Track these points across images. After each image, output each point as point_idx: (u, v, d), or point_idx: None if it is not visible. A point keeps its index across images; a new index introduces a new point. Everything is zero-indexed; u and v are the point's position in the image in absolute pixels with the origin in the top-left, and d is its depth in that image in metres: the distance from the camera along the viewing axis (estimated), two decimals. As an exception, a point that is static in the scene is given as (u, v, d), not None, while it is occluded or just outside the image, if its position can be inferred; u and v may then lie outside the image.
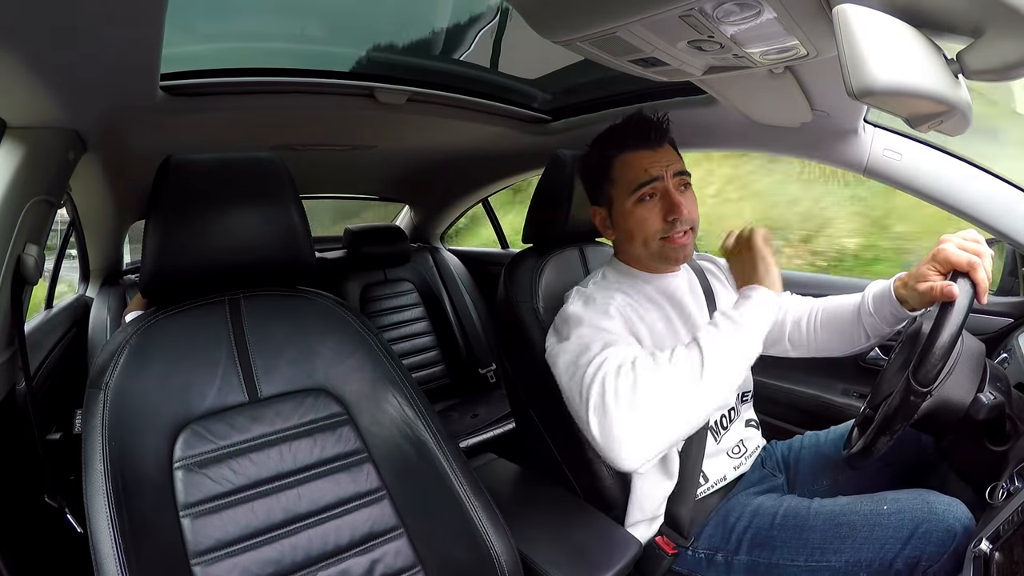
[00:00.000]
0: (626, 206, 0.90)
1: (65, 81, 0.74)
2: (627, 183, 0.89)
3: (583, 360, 0.77)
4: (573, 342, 0.80)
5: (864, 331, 0.93)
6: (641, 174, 0.88)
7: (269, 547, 0.72)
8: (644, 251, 0.91)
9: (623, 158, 0.90)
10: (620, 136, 0.91)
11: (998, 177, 0.99)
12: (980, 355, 0.74)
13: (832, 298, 1.00)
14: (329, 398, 0.82)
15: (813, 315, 1.01)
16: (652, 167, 0.88)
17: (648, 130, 0.89)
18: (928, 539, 0.69)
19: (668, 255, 0.89)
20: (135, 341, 0.74)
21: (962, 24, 0.49)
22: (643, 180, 0.87)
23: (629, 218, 0.90)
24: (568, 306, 0.87)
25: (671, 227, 0.87)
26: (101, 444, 0.66)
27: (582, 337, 0.80)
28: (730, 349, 0.73)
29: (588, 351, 0.77)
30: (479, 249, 2.64)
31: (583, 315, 0.83)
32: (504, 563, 0.74)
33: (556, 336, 0.86)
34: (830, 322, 0.98)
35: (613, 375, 0.72)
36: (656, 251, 0.90)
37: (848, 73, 0.47)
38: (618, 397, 0.70)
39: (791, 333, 1.03)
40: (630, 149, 0.90)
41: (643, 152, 0.89)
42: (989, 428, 0.71)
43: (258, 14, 1.10)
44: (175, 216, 0.75)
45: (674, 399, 0.70)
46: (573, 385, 0.77)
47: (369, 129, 1.44)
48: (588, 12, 0.64)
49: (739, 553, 0.83)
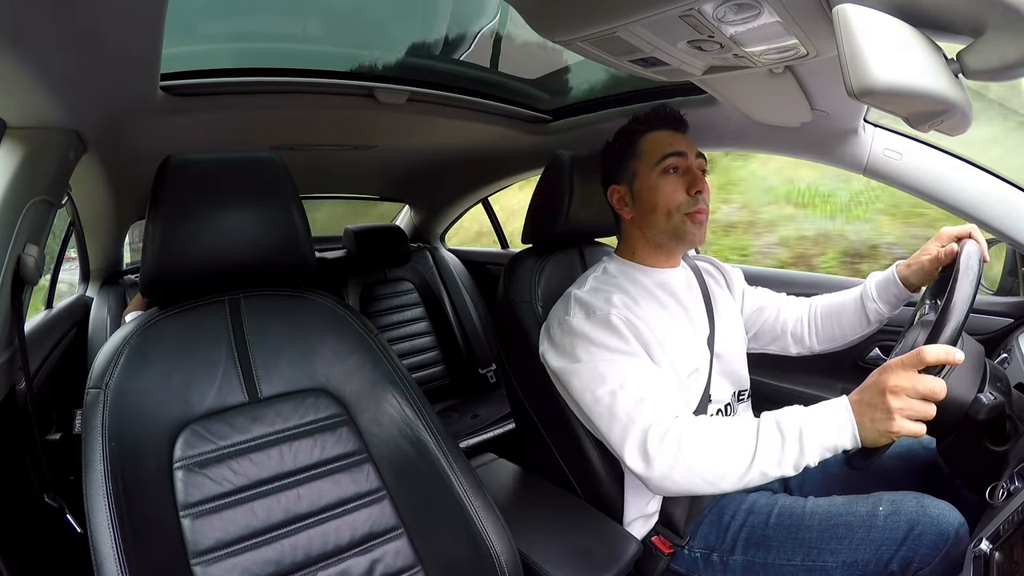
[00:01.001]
0: (651, 178, 0.92)
1: (65, 81, 0.74)
2: (653, 155, 0.92)
3: (601, 392, 0.78)
4: (586, 367, 0.81)
5: (866, 317, 0.98)
6: (667, 147, 0.92)
7: (269, 547, 0.72)
8: (666, 223, 0.91)
9: (650, 135, 0.94)
10: (650, 117, 0.95)
11: (998, 177, 0.98)
12: (980, 355, 0.74)
13: (828, 295, 1.05)
14: (329, 398, 0.82)
15: (813, 310, 1.06)
16: (677, 143, 0.92)
17: (672, 116, 0.95)
18: (922, 541, 0.70)
19: (686, 231, 0.91)
20: (135, 341, 0.74)
21: (962, 24, 0.49)
22: (669, 151, 0.91)
23: (654, 190, 0.92)
24: (570, 319, 0.86)
25: (695, 202, 0.90)
26: (101, 444, 0.66)
27: (595, 363, 0.81)
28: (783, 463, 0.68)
29: (604, 382, 0.79)
30: (479, 249, 2.64)
31: (589, 332, 0.83)
32: (504, 563, 0.74)
33: (558, 349, 0.86)
34: (830, 316, 1.03)
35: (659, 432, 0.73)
36: (678, 224, 0.91)
37: (848, 73, 0.47)
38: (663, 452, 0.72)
39: (793, 329, 1.06)
40: (658, 128, 0.94)
41: (670, 132, 0.94)
42: (989, 428, 0.71)
43: (258, 14, 1.10)
44: (175, 216, 0.75)
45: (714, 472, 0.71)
46: (600, 412, 0.79)
47: (369, 129, 1.44)
48: (588, 12, 0.64)
49: (735, 553, 0.84)
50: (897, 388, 0.62)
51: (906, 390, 0.61)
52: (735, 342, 1.00)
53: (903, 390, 0.61)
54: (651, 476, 0.73)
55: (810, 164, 1.16)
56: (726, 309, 1.01)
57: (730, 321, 1.01)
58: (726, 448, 0.70)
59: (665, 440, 0.72)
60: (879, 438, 0.64)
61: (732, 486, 0.71)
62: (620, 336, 0.82)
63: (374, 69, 1.21)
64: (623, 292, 0.89)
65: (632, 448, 0.74)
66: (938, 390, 0.61)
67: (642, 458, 0.73)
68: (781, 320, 1.08)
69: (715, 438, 0.72)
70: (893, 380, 0.62)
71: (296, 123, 1.31)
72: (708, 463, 0.71)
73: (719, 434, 0.72)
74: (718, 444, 0.71)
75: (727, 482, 0.70)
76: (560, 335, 0.87)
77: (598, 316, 0.84)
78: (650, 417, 0.74)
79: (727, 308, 1.02)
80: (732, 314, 1.03)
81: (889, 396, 0.62)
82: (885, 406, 0.62)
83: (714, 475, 0.70)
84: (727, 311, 1.01)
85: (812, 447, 0.66)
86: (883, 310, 0.96)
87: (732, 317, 1.02)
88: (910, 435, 0.62)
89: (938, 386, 0.61)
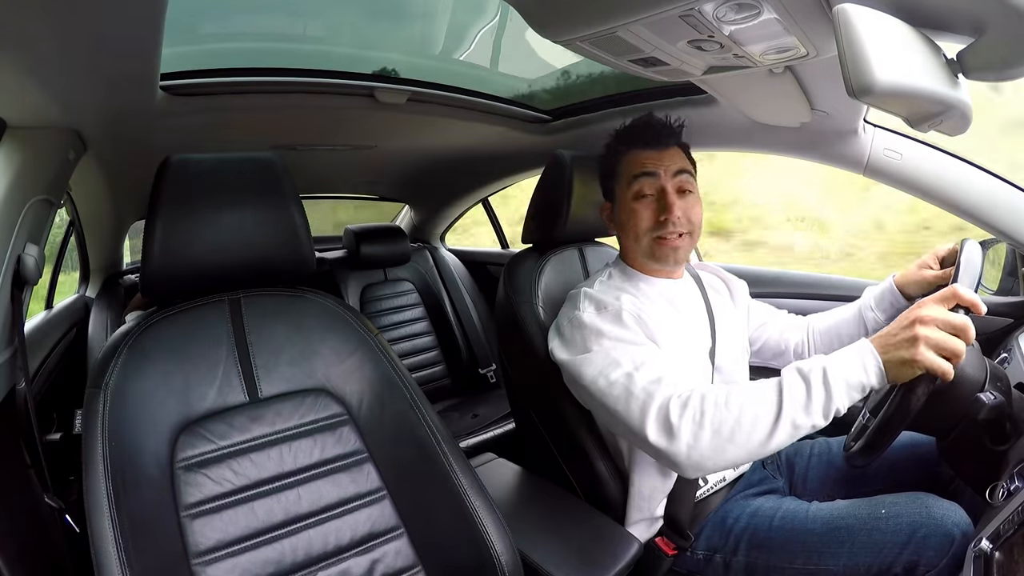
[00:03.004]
0: (626, 200, 0.93)
1: (65, 81, 0.74)
2: (626, 177, 0.93)
3: (616, 375, 0.78)
4: (597, 355, 0.81)
5: (864, 327, 0.99)
6: (638, 167, 0.91)
7: (269, 547, 0.72)
8: (636, 247, 0.93)
9: (628, 155, 0.94)
10: (629, 135, 0.95)
11: (998, 177, 0.99)
12: (980, 355, 0.74)
13: (823, 314, 1.08)
14: (329, 398, 0.82)
15: (811, 330, 1.08)
16: (649, 163, 0.91)
17: (653, 131, 0.93)
18: (926, 544, 0.69)
19: (657, 254, 0.91)
20: (135, 341, 0.74)
21: (962, 24, 0.49)
22: (639, 172, 0.91)
23: (626, 213, 0.93)
24: (581, 314, 0.86)
25: (662, 227, 0.89)
26: (101, 444, 0.66)
27: (607, 350, 0.81)
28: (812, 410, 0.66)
29: (619, 366, 0.78)
30: (479, 249, 2.64)
31: (600, 325, 0.83)
32: (504, 563, 0.74)
33: (568, 343, 0.86)
34: (829, 331, 1.05)
35: (679, 402, 0.71)
36: (647, 248, 0.92)
37: (848, 73, 0.47)
38: (686, 422, 0.70)
39: (796, 347, 1.08)
40: (636, 147, 0.93)
41: (648, 151, 0.92)
42: (989, 428, 0.71)
43: (258, 14, 1.09)
44: (175, 216, 0.75)
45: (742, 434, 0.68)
46: (616, 395, 0.77)
47: (369, 129, 1.44)
48: (588, 12, 0.64)
49: (737, 554, 0.83)
50: (926, 318, 0.62)
51: (936, 320, 0.62)
52: (737, 355, 1.00)
53: (932, 320, 0.62)
54: (678, 451, 0.70)
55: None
56: (728, 322, 1.01)
57: (732, 334, 1.01)
58: (751, 404, 0.68)
59: (687, 408, 0.70)
60: (904, 370, 0.63)
61: (763, 443, 0.67)
62: (631, 329, 0.82)
63: (374, 69, 1.21)
64: (632, 295, 0.89)
65: (653, 423, 0.72)
66: (967, 328, 0.61)
67: (665, 432, 0.71)
68: (784, 337, 1.09)
69: (738, 396, 0.70)
70: (923, 311, 0.63)
71: (296, 123, 1.31)
72: (735, 422, 0.68)
73: (742, 392, 0.70)
74: (742, 401, 0.69)
75: (757, 438, 0.67)
76: (570, 330, 0.87)
77: (609, 311, 0.84)
78: (669, 390, 0.73)
79: (729, 320, 1.02)
80: (734, 326, 1.03)
81: (918, 325, 0.62)
82: (912, 335, 0.62)
83: (744, 435, 0.67)
84: (729, 323, 1.01)
85: (839, 388, 0.65)
86: (881, 319, 0.97)
87: (734, 329, 1.02)
88: (934, 369, 0.61)
89: (967, 324, 0.61)
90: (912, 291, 0.94)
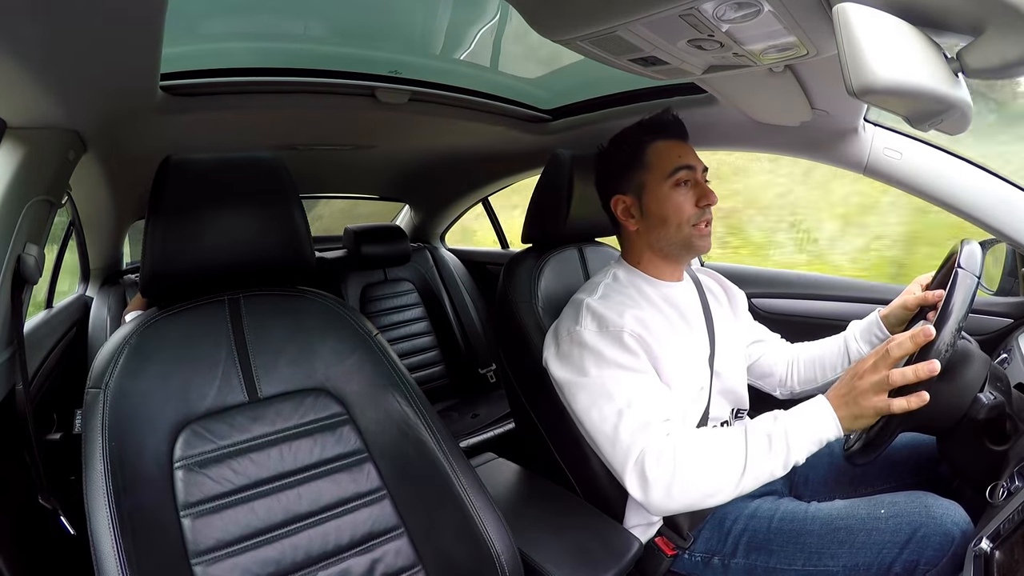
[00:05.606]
0: (662, 190, 0.91)
1: (65, 81, 0.74)
2: (663, 168, 0.91)
3: (608, 410, 0.79)
4: (593, 381, 0.81)
5: (848, 357, 1.02)
6: (676, 160, 0.91)
7: (269, 547, 0.72)
8: (676, 235, 0.92)
9: (658, 145, 0.93)
10: (656, 126, 0.94)
11: (998, 177, 0.99)
12: (979, 355, 0.74)
13: (808, 344, 1.10)
14: (329, 398, 0.82)
15: (795, 358, 1.10)
16: (685, 156, 0.92)
17: (680, 125, 0.95)
18: (926, 543, 0.69)
19: (695, 243, 0.92)
20: (135, 341, 0.74)
21: (962, 22, 0.49)
22: (679, 165, 0.91)
23: (665, 203, 0.91)
24: (582, 331, 0.84)
25: (702, 213, 0.91)
26: (101, 444, 0.66)
27: (603, 379, 0.81)
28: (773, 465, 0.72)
29: (612, 399, 0.79)
30: (479, 249, 2.64)
31: (601, 348, 0.82)
32: (504, 562, 0.74)
33: (565, 359, 0.86)
34: (812, 361, 1.07)
35: (655, 455, 0.75)
36: (686, 237, 0.91)
37: (848, 72, 0.47)
38: (660, 475, 0.74)
39: (779, 372, 1.10)
40: (665, 138, 0.93)
41: (677, 142, 0.93)
42: (989, 428, 0.71)
43: (258, 14, 1.09)
44: (175, 216, 0.75)
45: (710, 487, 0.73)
46: (605, 433, 0.80)
47: (370, 129, 1.44)
48: (588, 11, 0.64)
49: (736, 556, 0.83)
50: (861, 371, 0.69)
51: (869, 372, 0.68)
52: (735, 361, 1.00)
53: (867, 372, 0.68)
54: (651, 500, 0.75)
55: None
56: (726, 328, 1.01)
57: (730, 340, 1.01)
58: (719, 460, 0.73)
59: (661, 461, 0.74)
60: (860, 422, 0.69)
61: (729, 495, 0.73)
62: (631, 353, 0.82)
63: (375, 69, 1.21)
64: (636, 306, 0.88)
65: (631, 472, 0.76)
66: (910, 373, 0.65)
67: (640, 482, 0.75)
68: (772, 361, 1.10)
69: (707, 452, 0.74)
70: (859, 365, 0.70)
71: (296, 123, 1.31)
72: (703, 477, 0.73)
73: (711, 447, 0.74)
74: (711, 457, 0.74)
75: (724, 493, 0.73)
76: (568, 345, 0.86)
77: (611, 332, 0.83)
78: (650, 440, 0.76)
79: (727, 327, 1.02)
80: (732, 333, 1.03)
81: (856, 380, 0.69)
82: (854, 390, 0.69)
83: (711, 487, 0.73)
84: (727, 330, 1.01)
85: (799, 444, 0.71)
86: (865, 350, 0.99)
87: (732, 336, 1.02)
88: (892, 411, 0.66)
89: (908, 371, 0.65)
90: (895, 323, 0.96)
